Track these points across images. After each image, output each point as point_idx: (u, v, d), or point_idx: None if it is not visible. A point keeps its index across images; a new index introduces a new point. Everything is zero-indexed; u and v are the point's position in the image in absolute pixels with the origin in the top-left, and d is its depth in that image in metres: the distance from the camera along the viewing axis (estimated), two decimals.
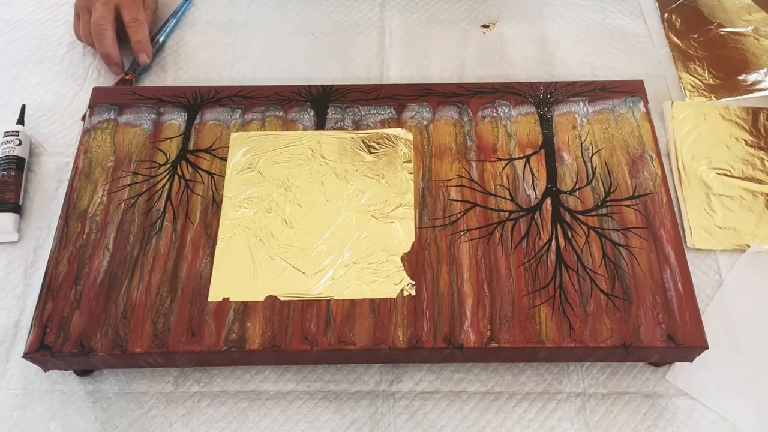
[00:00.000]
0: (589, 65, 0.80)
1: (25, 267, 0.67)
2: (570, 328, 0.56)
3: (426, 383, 0.61)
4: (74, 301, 0.58)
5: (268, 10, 0.85)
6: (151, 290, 0.59)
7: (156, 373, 0.61)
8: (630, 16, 0.84)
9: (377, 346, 0.56)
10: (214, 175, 0.65)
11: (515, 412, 0.60)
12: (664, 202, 0.63)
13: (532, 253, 0.60)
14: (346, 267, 0.60)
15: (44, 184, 0.72)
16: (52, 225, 0.68)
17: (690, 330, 0.56)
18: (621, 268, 0.59)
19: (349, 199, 0.64)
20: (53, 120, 0.76)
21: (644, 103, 0.69)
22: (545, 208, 0.63)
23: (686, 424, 0.59)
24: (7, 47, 0.82)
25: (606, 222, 0.62)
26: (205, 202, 0.64)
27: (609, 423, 0.59)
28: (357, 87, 0.71)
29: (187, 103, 0.70)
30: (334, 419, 0.60)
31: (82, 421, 0.60)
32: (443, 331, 0.56)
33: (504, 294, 0.58)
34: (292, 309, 0.58)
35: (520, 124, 0.68)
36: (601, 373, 0.61)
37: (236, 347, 0.56)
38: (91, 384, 0.61)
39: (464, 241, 0.61)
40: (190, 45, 0.82)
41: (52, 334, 0.57)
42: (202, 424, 0.59)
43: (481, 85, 0.71)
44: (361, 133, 0.68)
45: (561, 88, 0.70)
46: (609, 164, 0.65)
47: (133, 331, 0.57)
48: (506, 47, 0.82)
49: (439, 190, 0.64)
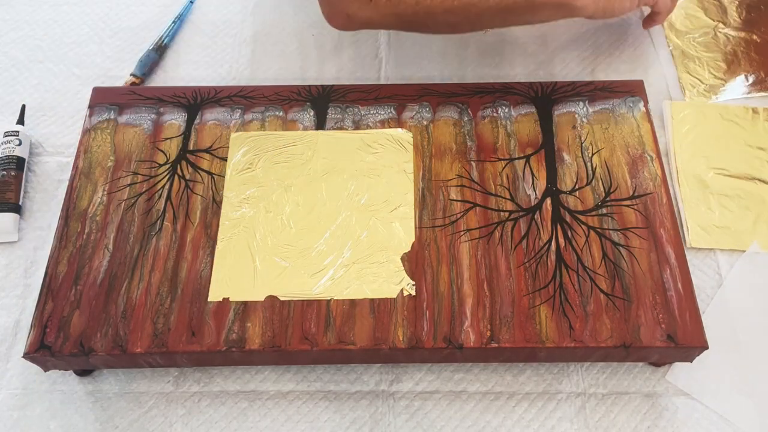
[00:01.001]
0: (589, 65, 0.80)
1: (25, 267, 0.67)
2: (570, 328, 0.56)
3: (426, 383, 0.61)
4: (74, 301, 0.58)
5: (268, 10, 0.85)
6: (151, 290, 0.59)
7: (156, 373, 0.62)
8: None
9: (377, 346, 0.56)
10: (214, 175, 0.65)
11: (515, 412, 0.60)
12: (664, 202, 0.63)
13: (532, 253, 0.60)
14: (346, 267, 0.60)
15: (44, 184, 0.72)
16: (52, 225, 0.68)
17: (690, 330, 0.56)
18: (621, 268, 0.59)
19: (349, 199, 0.64)
20: (53, 120, 0.76)
21: (644, 103, 0.69)
22: (545, 208, 0.63)
23: (686, 424, 0.59)
24: (7, 47, 0.82)
25: (606, 222, 0.62)
26: (205, 202, 0.64)
27: (609, 423, 0.59)
28: (357, 87, 0.71)
29: (187, 103, 0.70)
30: (334, 419, 0.60)
31: (82, 421, 0.60)
32: (443, 331, 0.56)
33: (504, 294, 0.58)
34: (292, 309, 0.58)
35: (520, 124, 0.68)
36: (601, 373, 0.61)
37: (236, 347, 0.56)
38: (91, 384, 0.61)
39: (464, 241, 0.61)
40: (190, 45, 0.82)
41: (52, 334, 0.57)
42: (202, 424, 0.59)
43: (481, 85, 0.71)
44: (361, 133, 0.68)
45: (561, 88, 0.70)
46: (609, 164, 0.65)
47: (133, 331, 0.57)
48: (506, 47, 0.82)
49: (439, 190, 0.64)
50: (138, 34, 0.83)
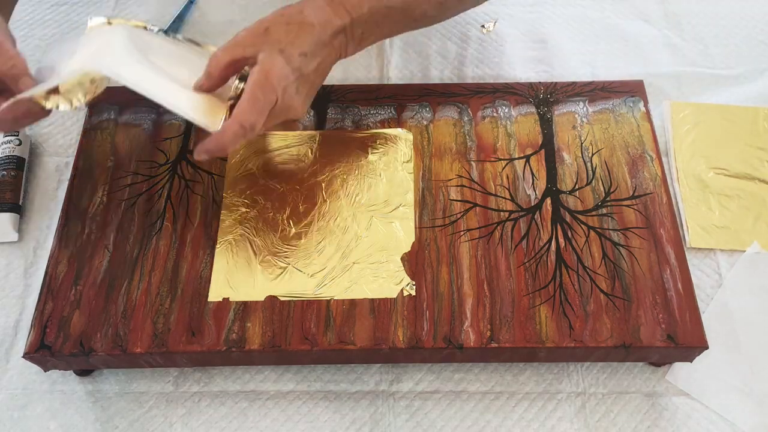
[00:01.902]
0: (589, 65, 0.80)
1: (25, 267, 0.67)
2: (570, 328, 0.56)
3: (426, 383, 0.61)
4: (74, 301, 0.58)
5: (268, 10, 0.85)
6: (151, 290, 0.59)
7: (156, 373, 0.61)
8: (630, 16, 0.84)
9: (377, 346, 0.56)
10: (214, 175, 0.65)
11: (515, 412, 0.60)
12: (664, 202, 0.63)
13: (532, 253, 0.60)
14: (346, 267, 0.60)
15: (44, 184, 0.72)
16: (52, 225, 0.68)
17: (690, 330, 0.56)
18: (621, 268, 0.59)
19: (349, 199, 0.64)
20: (53, 120, 0.76)
21: (644, 103, 0.69)
22: (545, 208, 0.63)
23: (686, 423, 0.59)
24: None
25: (606, 222, 0.62)
26: (205, 202, 0.64)
27: (609, 423, 0.59)
28: (357, 87, 0.71)
29: None
30: (334, 419, 0.60)
31: (82, 421, 0.60)
32: (443, 331, 0.56)
33: (504, 294, 0.58)
34: (292, 309, 0.58)
35: (520, 124, 0.68)
36: (601, 372, 0.61)
37: (236, 347, 0.56)
38: (91, 384, 0.61)
39: (464, 241, 0.61)
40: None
41: (52, 334, 0.57)
42: (202, 424, 0.59)
43: (481, 85, 0.71)
44: (361, 133, 0.68)
45: (561, 88, 0.70)
46: (609, 164, 0.65)
47: (133, 331, 0.57)
48: (506, 47, 0.82)
49: (439, 190, 0.64)
50: None
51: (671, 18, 0.84)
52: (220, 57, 0.55)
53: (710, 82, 0.78)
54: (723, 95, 0.77)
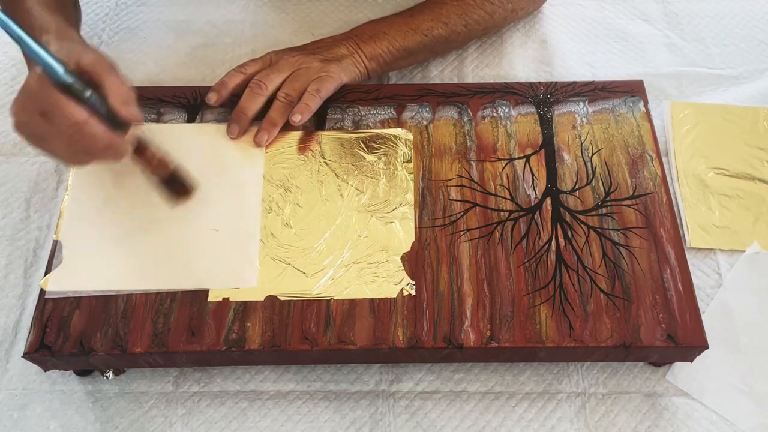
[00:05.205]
0: (589, 65, 0.80)
1: (25, 267, 0.67)
2: (570, 327, 0.56)
3: (426, 383, 0.61)
4: (74, 301, 0.58)
5: (267, 10, 0.86)
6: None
7: (156, 373, 0.61)
8: (630, 16, 0.84)
9: (377, 345, 0.56)
10: None
11: (515, 412, 0.60)
12: (664, 201, 0.63)
13: (532, 253, 0.60)
14: (346, 267, 0.60)
15: (44, 184, 0.72)
16: (51, 225, 0.68)
17: (690, 330, 0.56)
18: (621, 268, 0.59)
19: (349, 199, 0.64)
20: None
21: (644, 103, 0.69)
22: (545, 208, 0.63)
23: (686, 424, 0.59)
24: (7, 47, 0.82)
25: (606, 222, 0.62)
26: None
27: (609, 423, 0.59)
28: (357, 87, 0.71)
29: (187, 103, 0.70)
30: (334, 419, 0.60)
31: (82, 421, 0.60)
32: (443, 331, 0.56)
33: (504, 294, 0.58)
34: (292, 309, 0.58)
35: (520, 124, 0.68)
36: (601, 372, 0.61)
37: (236, 347, 0.56)
38: (91, 384, 0.61)
39: (464, 241, 0.61)
40: (190, 45, 0.82)
41: (52, 334, 0.57)
42: (202, 424, 0.59)
43: (481, 85, 0.71)
44: (361, 133, 0.68)
45: (561, 88, 0.70)
46: (609, 164, 0.65)
47: (133, 331, 0.57)
48: (506, 47, 0.82)
49: (439, 190, 0.64)
50: (138, 35, 0.83)
51: (671, 18, 0.84)
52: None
53: (710, 82, 0.78)
54: (723, 95, 0.77)
